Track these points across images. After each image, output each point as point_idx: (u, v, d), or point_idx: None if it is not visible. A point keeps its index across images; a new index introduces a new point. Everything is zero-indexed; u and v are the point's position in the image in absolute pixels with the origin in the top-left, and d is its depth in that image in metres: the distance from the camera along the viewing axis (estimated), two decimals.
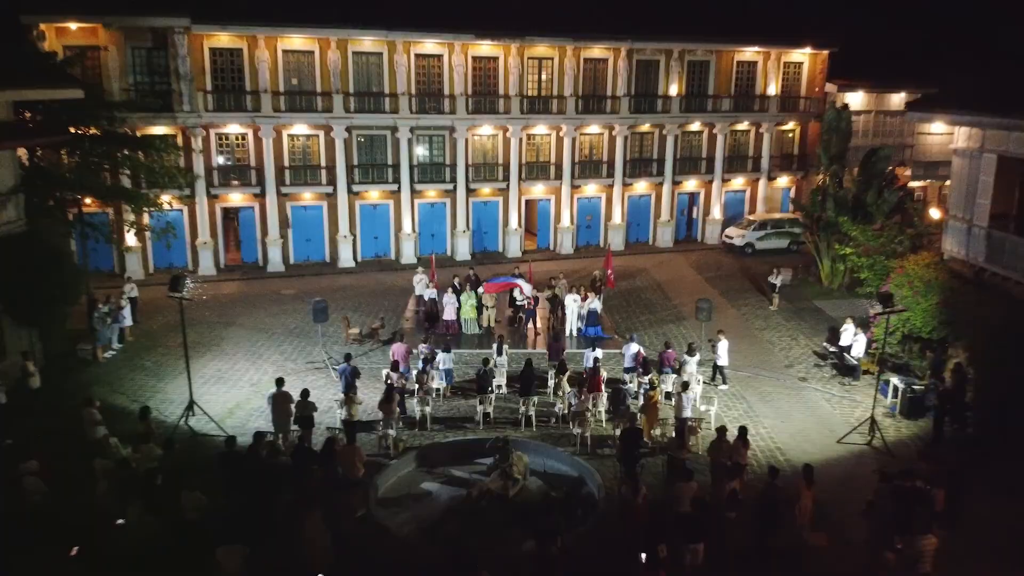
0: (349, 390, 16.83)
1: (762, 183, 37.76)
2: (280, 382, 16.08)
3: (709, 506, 12.60)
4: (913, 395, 18.26)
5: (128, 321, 22.74)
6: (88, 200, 24.89)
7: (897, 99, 38.52)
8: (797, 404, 19.18)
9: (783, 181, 38.48)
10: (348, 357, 17.89)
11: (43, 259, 19.58)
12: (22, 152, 21.58)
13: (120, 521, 11.73)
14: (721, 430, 14.77)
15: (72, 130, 22.40)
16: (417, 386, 17.86)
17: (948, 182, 24.58)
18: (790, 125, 37.87)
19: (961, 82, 20.34)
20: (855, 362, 20.46)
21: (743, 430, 14.74)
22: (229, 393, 19.36)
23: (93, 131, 22.97)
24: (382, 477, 15.01)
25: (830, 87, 37.40)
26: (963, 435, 17.32)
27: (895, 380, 18.93)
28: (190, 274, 29.60)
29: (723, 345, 19.94)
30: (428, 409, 17.62)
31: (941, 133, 35.08)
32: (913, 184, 39.20)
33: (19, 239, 19.71)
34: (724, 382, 20.01)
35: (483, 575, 10.36)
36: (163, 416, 17.73)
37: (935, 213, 24.06)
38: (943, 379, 17.83)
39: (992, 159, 18.17)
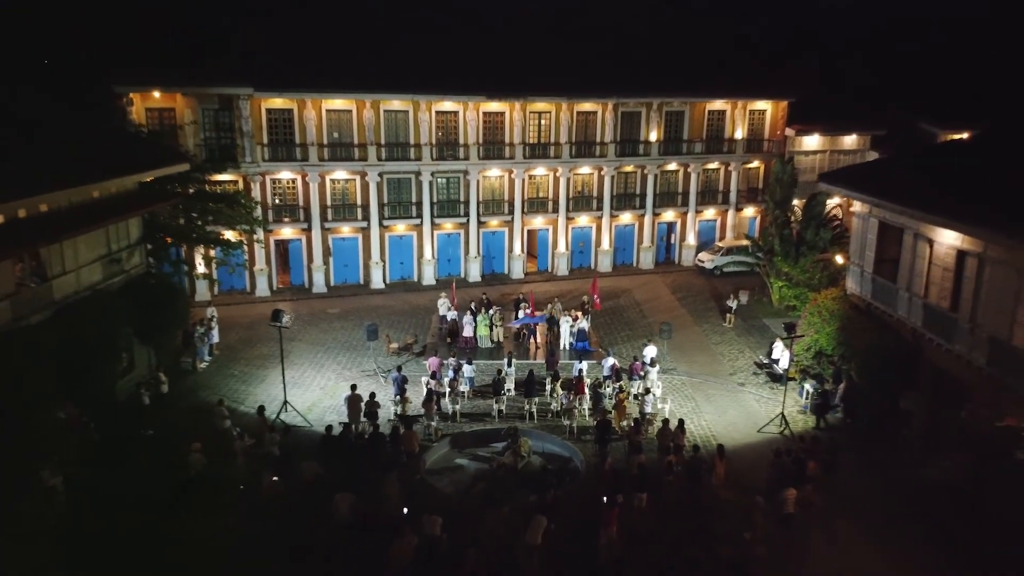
0: (402, 392, 22.91)
1: (731, 213, 43.65)
2: (354, 387, 22.20)
3: (651, 471, 18.75)
4: (818, 398, 24.33)
5: (216, 338, 28.65)
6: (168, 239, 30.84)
7: (849, 140, 44.57)
8: (733, 403, 25.12)
9: (749, 211, 44.29)
10: (399, 368, 23.98)
11: (162, 292, 25.59)
12: None
13: (275, 479, 17.81)
14: (665, 421, 20.89)
15: (168, 188, 28.53)
16: (449, 389, 23.78)
17: None
18: (755, 163, 43.52)
19: (860, 167, 26.30)
20: (781, 372, 26.51)
21: (681, 421, 20.92)
22: (305, 395, 25.06)
23: (191, 190, 29.18)
24: (427, 455, 20.99)
25: (789, 131, 43.27)
26: (853, 427, 23.37)
27: (808, 386, 25.00)
28: (248, 295, 35.85)
29: (650, 350, 26.02)
30: (458, 407, 23.61)
31: None
32: None
33: (143, 278, 25.82)
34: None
35: (504, 510, 16.45)
36: None
37: (839, 259, 30.06)
38: (837, 386, 23.89)
39: (875, 222, 24.22)
